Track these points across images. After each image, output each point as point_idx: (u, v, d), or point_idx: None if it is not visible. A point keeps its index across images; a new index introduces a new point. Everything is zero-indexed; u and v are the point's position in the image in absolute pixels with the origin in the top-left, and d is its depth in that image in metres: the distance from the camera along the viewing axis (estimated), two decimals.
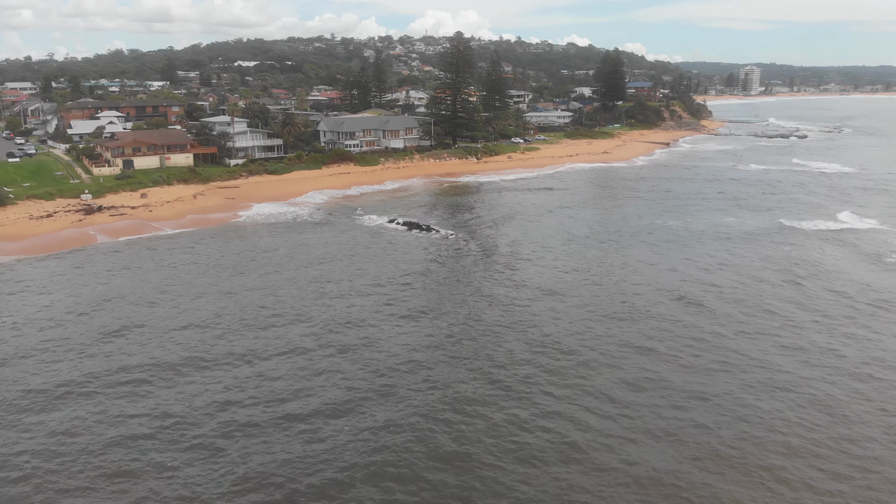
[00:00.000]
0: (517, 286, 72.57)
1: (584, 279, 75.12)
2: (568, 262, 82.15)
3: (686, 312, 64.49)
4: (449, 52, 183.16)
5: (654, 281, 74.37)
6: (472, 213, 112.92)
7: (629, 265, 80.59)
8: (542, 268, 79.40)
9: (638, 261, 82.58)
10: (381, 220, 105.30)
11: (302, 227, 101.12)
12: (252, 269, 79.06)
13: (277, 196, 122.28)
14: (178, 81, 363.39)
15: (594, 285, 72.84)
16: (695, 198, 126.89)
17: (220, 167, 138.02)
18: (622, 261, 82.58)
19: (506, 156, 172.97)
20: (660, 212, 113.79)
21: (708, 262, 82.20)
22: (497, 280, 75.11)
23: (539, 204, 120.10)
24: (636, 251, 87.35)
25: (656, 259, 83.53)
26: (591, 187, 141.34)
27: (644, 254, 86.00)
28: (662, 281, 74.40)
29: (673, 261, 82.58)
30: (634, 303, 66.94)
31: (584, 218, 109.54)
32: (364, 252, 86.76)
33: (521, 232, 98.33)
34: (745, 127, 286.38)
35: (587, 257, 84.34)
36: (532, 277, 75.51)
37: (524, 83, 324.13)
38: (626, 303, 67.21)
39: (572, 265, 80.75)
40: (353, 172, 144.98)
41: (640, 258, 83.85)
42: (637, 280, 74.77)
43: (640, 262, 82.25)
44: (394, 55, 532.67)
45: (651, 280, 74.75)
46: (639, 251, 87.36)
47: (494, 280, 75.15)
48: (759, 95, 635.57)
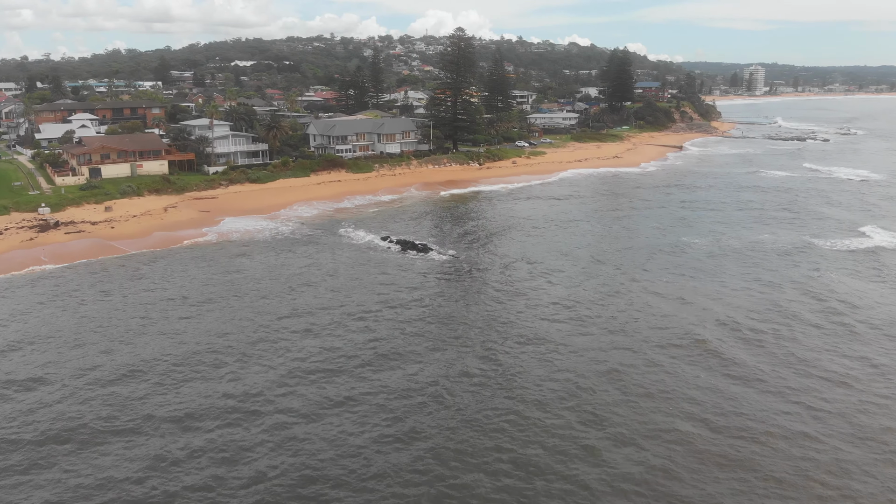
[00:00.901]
0: (519, 327, 59.28)
1: (597, 318, 61.98)
2: (580, 294, 68.86)
3: (720, 375, 51.00)
4: (449, 49, 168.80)
5: (676, 324, 60.99)
6: (473, 229, 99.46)
7: (647, 303, 66.97)
8: (550, 304, 65.99)
9: (656, 293, 69.26)
10: (372, 238, 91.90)
11: (281, 246, 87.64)
12: (210, 301, 65.99)
13: (258, 208, 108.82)
14: (171, 81, 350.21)
15: (609, 332, 59.24)
16: (716, 209, 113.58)
17: (197, 175, 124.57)
18: (640, 293, 69.31)
19: (510, 161, 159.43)
20: (680, 226, 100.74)
21: (737, 295, 69.16)
22: (497, 320, 61.76)
23: (548, 217, 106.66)
24: (656, 278, 74.25)
25: (677, 290, 70.12)
26: (604, 196, 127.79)
27: (664, 283, 72.76)
28: (686, 323, 61.17)
29: (696, 293, 69.37)
30: (657, 360, 53.42)
31: (598, 234, 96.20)
32: (348, 279, 73.40)
33: (528, 253, 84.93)
34: (756, 129, 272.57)
35: (601, 288, 70.97)
36: (536, 319, 62.18)
37: (527, 83, 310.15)
38: (654, 365, 53.75)
39: (585, 296, 67.82)
40: (345, 180, 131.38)
41: (660, 289, 70.48)
42: (655, 322, 61.36)
43: (659, 294, 68.93)
44: (394, 55, 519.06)
45: (672, 322, 61.35)
46: (658, 278, 74.23)
47: (493, 320, 61.82)
48: (764, 96, 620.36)
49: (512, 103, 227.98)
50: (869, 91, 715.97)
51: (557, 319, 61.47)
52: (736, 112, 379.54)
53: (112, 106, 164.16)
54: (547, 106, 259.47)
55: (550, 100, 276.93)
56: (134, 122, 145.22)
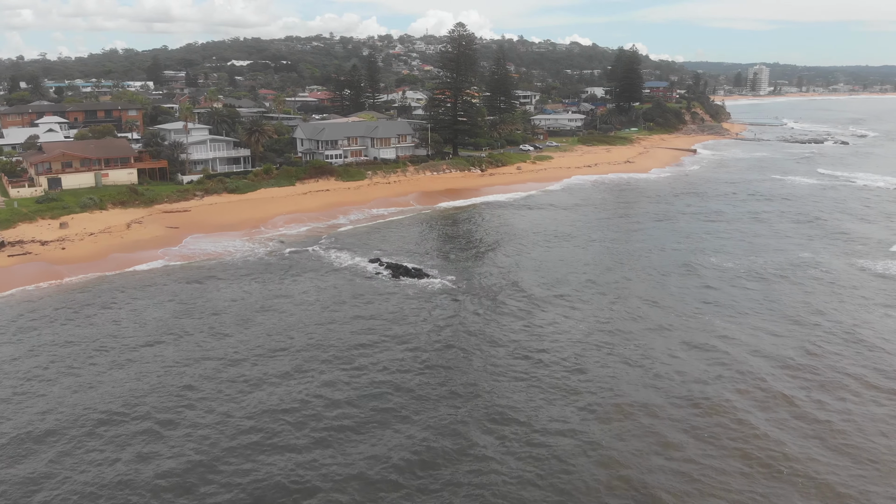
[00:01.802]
0: (526, 382, 46.28)
1: (617, 364, 48.96)
2: (595, 334, 55.88)
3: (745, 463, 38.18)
4: (449, 47, 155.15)
5: (706, 376, 48.37)
6: (475, 249, 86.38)
7: (669, 351, 54.08)
8: (561, 349, 52.92)
9: (684, 342, 55.95)
10: (359, 261, 78.92)
11: (252, 271, 74.58)
12: (146, 345, 53.36)
13: (234, 223, 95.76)
14: (163, 81, 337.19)
15: (630, 387, 46.37)
16: (744, 222, 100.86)
17: (170, 185, 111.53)
18: (665, 335, 56.39)
19: (514, 166, 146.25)
20: (707, 243, 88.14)
21: (762, 336, 56.65)
22: (503, 373, 48.78)
23: (558, 232, 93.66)
24: (683, 312, 61.57)
25: (708, 336, 56.95)
26: (619, 206, 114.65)
27: (693, 319, 60.32)
28: (718, 379, 48.49)
29: (730, 339, 56.29)
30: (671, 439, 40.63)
31: (616, 253, 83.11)
32: (323, 315, 60.60)
33: (537, 278, 72.11)
34: (769, 130, 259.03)
35: (621, 325, 58.37)
36: (548, 367, 49.19)
37: (530, 83, 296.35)
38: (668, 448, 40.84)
39: (601, 339, 55.00)
40: (334, 189, 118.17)
41: (687, 337, 57.05)
42: (667, 376, 48.38)
43: (688, 343, 55.71)
44: (393, 54, 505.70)
45: (701, 376, 48.74)
46: (686, 314, 61.46)
47: (499, 373, 48.86)
48: (769, 96, 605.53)
49: (515, 104, 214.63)
50: (873, 91, 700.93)
51: (571, 376, 48.48)
52: (742, 112, 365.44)
53: (85, 108, 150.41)
54: (551, 106, 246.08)
55: (555, 100, 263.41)
56: (105, 126, 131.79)
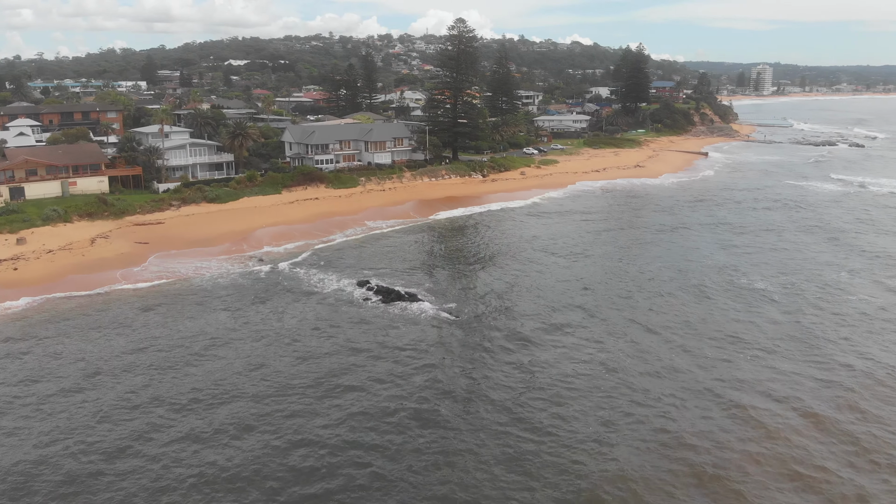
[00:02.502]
0: (517, 452, 36.57)
1: (626, 428, 39.21)
2: (600, 382, 46.04)
3: None
4: (449, 46, 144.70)
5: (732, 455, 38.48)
6: (477, 267, 76.54)
7: (692, 407, 44.35)
8: (563, 406, 43.14)
9: (707, 395, 46.50)
10: (346, 284, 69.16)
11: (220, 297, 64.77)
12: (77, 391, 43.30)
13: (210, 237, 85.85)
14: (158, 81, 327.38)
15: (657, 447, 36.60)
16: (767, 236, 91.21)
17: (144, 194, 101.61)
18: (683, 386, 46.75)
19: (518, 171, 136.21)
20: (729, 260, 79.03)
21: (787, 388, 47.04)
22: (506, 431, 39.01)
23: (567, 246, 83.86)
24: (703, 353, 51.45)
25: (732, 388, 47.33)
26: (630, 216, 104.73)
27: (717, 366, 50.10)
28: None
29: (762, 393, 46.55)
30: None
31: (630, 275, 73.14)
32: (295, 354, 50.53)
33: (547, 304, 62.47)
34: (778, 132, 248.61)
35: (634, 376, 48.22)
36: (545, 436, 39.45)
37: (532, 83, 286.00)
38: None
39: (608, 392, 45.08)
40: (323, 198, 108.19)
41: (709, 388, 47.54)
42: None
43: (713, 400, 46.11)
44: (393, 54, 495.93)
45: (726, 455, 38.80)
46: (708, 355, 51.42)
47: (501, 432, 39.10)
48: (772, 96, 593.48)
49: (517, 105, 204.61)
50: (877, 91, 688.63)
51: (572, 451, 38.67)
52: (746, 113, 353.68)
53: (61, 110, 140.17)
54: (555, 107, 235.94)
55: (558, 100, 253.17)
56: (80, 129, 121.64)
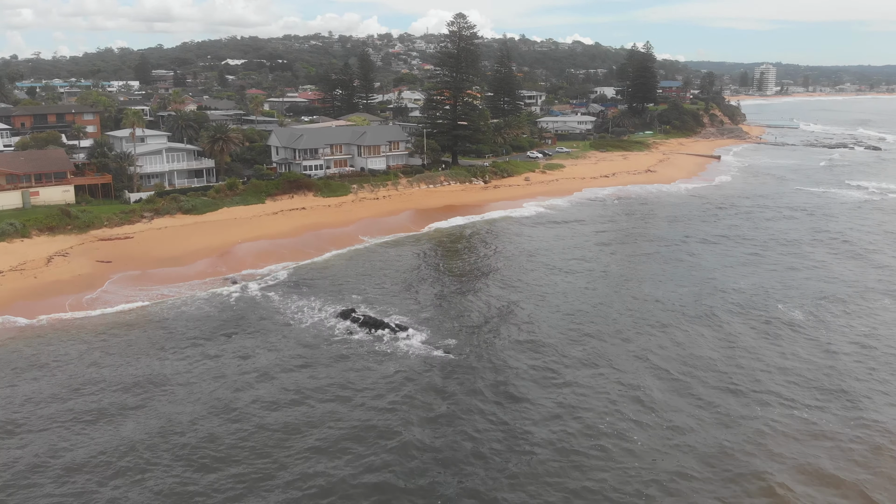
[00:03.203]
0: None
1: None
2: (612, 452, 36.37)
3: None
4: (448, 42, 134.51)
5: None
6: (477, 289, 66.84)
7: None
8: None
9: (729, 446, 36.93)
10: (329, 312, 59.60)
11: (179, 329, 55.16)
12: None
13: (181, 254, 76.19)
14: (151, 81, 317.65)
15: None
16: (801, 250, 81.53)
17: (114, 204, 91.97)
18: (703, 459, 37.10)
19: (522, 177, 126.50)
20: (765, 283, 68.73)
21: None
22: None
23: (576, 265, 74.20)
24: (745, 407, 41.94)
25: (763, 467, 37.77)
26: (646, 227, 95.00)
27: (767, 430, 40.51)
28: None
29: None
30: None
31: (649, 303, 63.15)
32: (259, 402, 40.83)
33: (553, 342, 52.68)
34: (789, 134, 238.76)
35: (660, 438, 38.55)
36: None
37: (534, 82, 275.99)
38: None
39: (618, 465, 35.29)
40: (311, 208, 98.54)
41: (758, 464, 38.08)
42: None
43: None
44: (393, 53, 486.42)
45: None
46: (750, 412, 41.83)
47: None
48: (775, 95, 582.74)
49: (520, 105, 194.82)
50: (880, 91, 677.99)
51: None
52: (752, 113, 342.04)
53: (34, 112, 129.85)
54: (558, 107, 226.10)
55: (562, 101, 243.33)
56: (51, 133, 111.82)
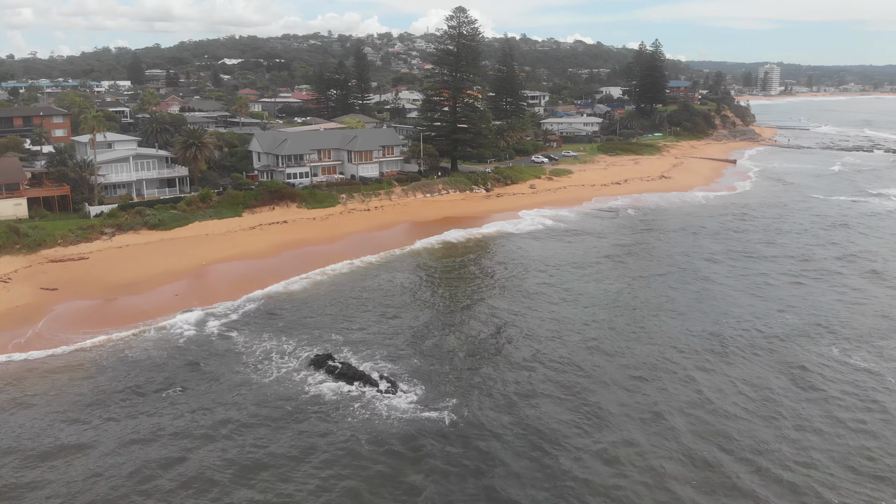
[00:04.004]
0: None
1: None
2: None
3: None
4: (447, 38, 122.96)
5: None
6: (477, 328, 56.09)
7: None
8: None
9: None
10: (299, 361, 49.05)
11: (115, 383, 44.53)
12: None
13: (140, 279, 65.50)
14: (144, 81, 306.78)
15: None
16: (849, 277, 70.43)
17: (73, 219, 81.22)
18: None
19: (527, 184, 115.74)
20: (815, 319, 57.59)
21: None
22: None
23: (594, 296, 63.36)
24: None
25: None
26: (669, 245, 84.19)
27: None
28: None
29: None
30: None
31: (680, 346, 52.55)
32: (196, 482, 30.40)
33: (573, 402, 41.91)
34: (802, 136, 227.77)
35: None
36: None
37: (537, 82, 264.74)
38: None
39: None
40: (294, 222, 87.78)
41: None
42: None
43: None
44: (392, 52, 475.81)
45: None
46: None
47: None
48: (780, 95, 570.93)
49: (523, 106, 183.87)
50: (884, 91, 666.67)
51: None
52: (758, 113, 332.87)
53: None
54: (562, 108, 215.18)
55: (566, 101, 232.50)
56: (12, 139, 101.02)
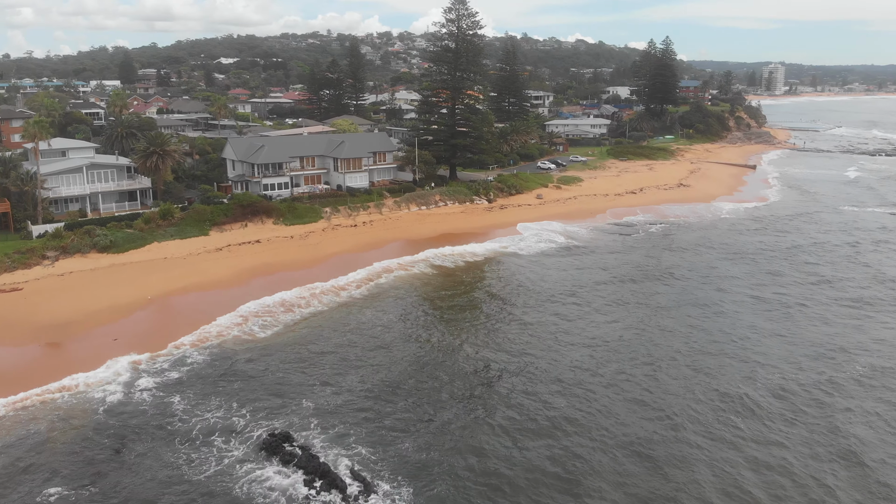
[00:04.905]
0: None
1: None
2: None
3: None
4: (446, 31, 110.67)
5: None
6: (476, 389, 44.47)
7: None
8: None
9: None
10: (248, 444, 37.49)
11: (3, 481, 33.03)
12: None
13: (76, 318, 53.98)
14: (136, 80, 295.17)
15: None
16: None
17: (12, 240, 69.60)
18: None
19: (533, 194, 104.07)
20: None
21: None
22: None
23: (611, 340, 51.74)
24: None
25: None
26: (700, 271, 72.56)
27: None
28: None
29: None
30: None
31: (728, 417, 41.16)
32: None
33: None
34: (818, 138, 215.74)
35: None
36: None
37: (541, 82, 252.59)
38: None
39: None
40: (269, 241, 76.07)
41: None
42: None
43: None
44: (392, 52, 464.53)
45: None
46: None
47: None
48: (784, 95, 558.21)
49: (527, 107, 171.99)
50: (889, 91, 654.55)
51: None
52: (773, 115, 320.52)
53: None
54: (568, 109, 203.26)
55: (571, 101, 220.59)
56: None
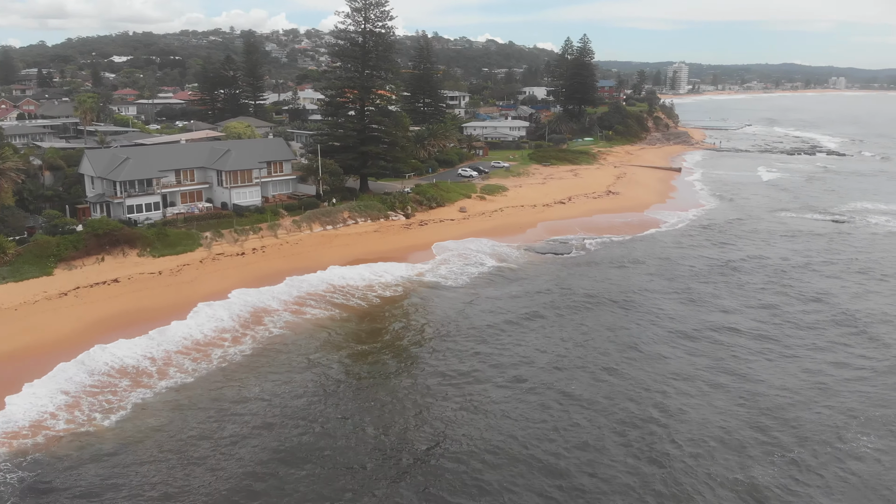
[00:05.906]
0: None
1: None
2: None
3: None
4: (351, 21, 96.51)
5: None
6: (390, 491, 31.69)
7: None
8: None
9: None
10: None
11: None
12: None
13: None
14: (13, 81, 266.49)
15: None
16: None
17: None
18: None
19: (456, 206, 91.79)
20: None
21: None
22: None
23: (562, 406, 40.20)
24: None
25: None
26: (659, 300, 62.17)
27: None
28: None
29: None
30: None
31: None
32: None
33: None
34: (733, 136, 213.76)
35: None
36: None
37: (456, 82, 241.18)
38: None
39: None
40: (130, 279, 60.51)
41: None
42: None
43: None
44: (299, 49, 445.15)
45: None
46: None
47: None
48: (688, 94, 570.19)
49: (443, 108, 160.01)
50: (785, 89, 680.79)
51: None
52: (682, 114, 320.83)
53: None
54: (484, 110, 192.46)
55: (488, 102, 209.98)
56: None
